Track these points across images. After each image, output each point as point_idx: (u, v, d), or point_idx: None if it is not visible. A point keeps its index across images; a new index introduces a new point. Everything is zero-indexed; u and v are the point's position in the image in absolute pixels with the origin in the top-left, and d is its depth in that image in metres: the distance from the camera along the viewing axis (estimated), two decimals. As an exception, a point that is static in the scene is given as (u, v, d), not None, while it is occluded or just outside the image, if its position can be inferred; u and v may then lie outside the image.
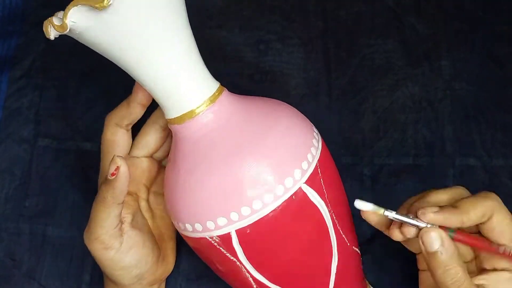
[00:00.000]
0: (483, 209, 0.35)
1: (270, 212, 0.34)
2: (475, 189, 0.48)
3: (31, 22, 0.53)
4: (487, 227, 0.35)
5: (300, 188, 0.35)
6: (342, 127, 0.50)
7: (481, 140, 0.49)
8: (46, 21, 0.32)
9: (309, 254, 0.36)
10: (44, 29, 0.32)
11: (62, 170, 0.49)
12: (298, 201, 0.35)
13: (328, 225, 0.37)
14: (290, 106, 0.39)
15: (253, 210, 0.33)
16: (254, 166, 0.34)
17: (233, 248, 0.35)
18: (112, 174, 0.35)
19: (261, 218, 0.34)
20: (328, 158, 0.39)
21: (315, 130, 0.39)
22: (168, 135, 0.41)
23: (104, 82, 0.51)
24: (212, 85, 0.36)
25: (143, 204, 0.42)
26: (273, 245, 0.35)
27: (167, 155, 0.42)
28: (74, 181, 0.49)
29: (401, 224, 0.36)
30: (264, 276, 0.36)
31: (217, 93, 0.36)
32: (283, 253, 0.35)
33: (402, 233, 0.35)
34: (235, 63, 0.51)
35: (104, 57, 0.52)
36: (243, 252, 0.35)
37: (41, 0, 0.53)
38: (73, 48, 0.52)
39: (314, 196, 0.35)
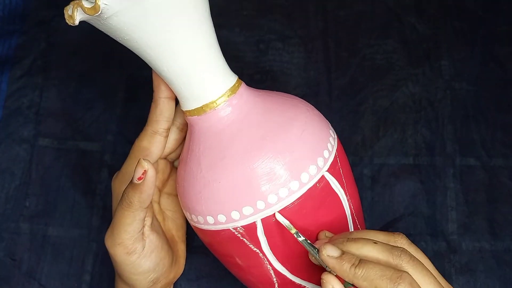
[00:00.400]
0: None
1: (295, 200, 0.34)
2: (475, 189, 0.48)
3: (31, 21, 0.53)
4: None
5: (323, 176, 0.35)
6: (342, 127, 0.50)
7: (481, 140, 0.49)
8: (72, 4, 0.31)
9: None
10: (67, 14, 0.31)
11: (62, 170, 0.49)
12: (321, 188, 0.35)
13: (347, 214, 0.38)
14: (304, 100, 0.40)
15: (279, 198, 0.34)
16: (279, 155, 0.34)
17: (257, 238, 0.35)
18: (139, 178, 0.34)
19: (287, 205, 0.34)
20: (343, 151, 0.40)
21: (329, 123, 0.40)
22: (183, 137, 0.41)
23: (104, 82, 0.51)
24: (231, 77, 0.37)
25: (155, 206, 0.42)
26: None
27: (179, 156, 0.42)
28: (74, 181, 0.49)
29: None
30: (286, 268, 0.36)
31: (236, 85, 0.36)
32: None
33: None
34: (235, 63, 0.51)
35: (104, 58, 0.52)
36: (267, 242, 0.35)
37: (41, 0, 0.53)
38: (73, 48, 0.52)
39: (335, 184, 0.36)
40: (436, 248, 0.47)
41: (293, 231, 0.34)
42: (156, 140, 0.39)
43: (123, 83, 0.51)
